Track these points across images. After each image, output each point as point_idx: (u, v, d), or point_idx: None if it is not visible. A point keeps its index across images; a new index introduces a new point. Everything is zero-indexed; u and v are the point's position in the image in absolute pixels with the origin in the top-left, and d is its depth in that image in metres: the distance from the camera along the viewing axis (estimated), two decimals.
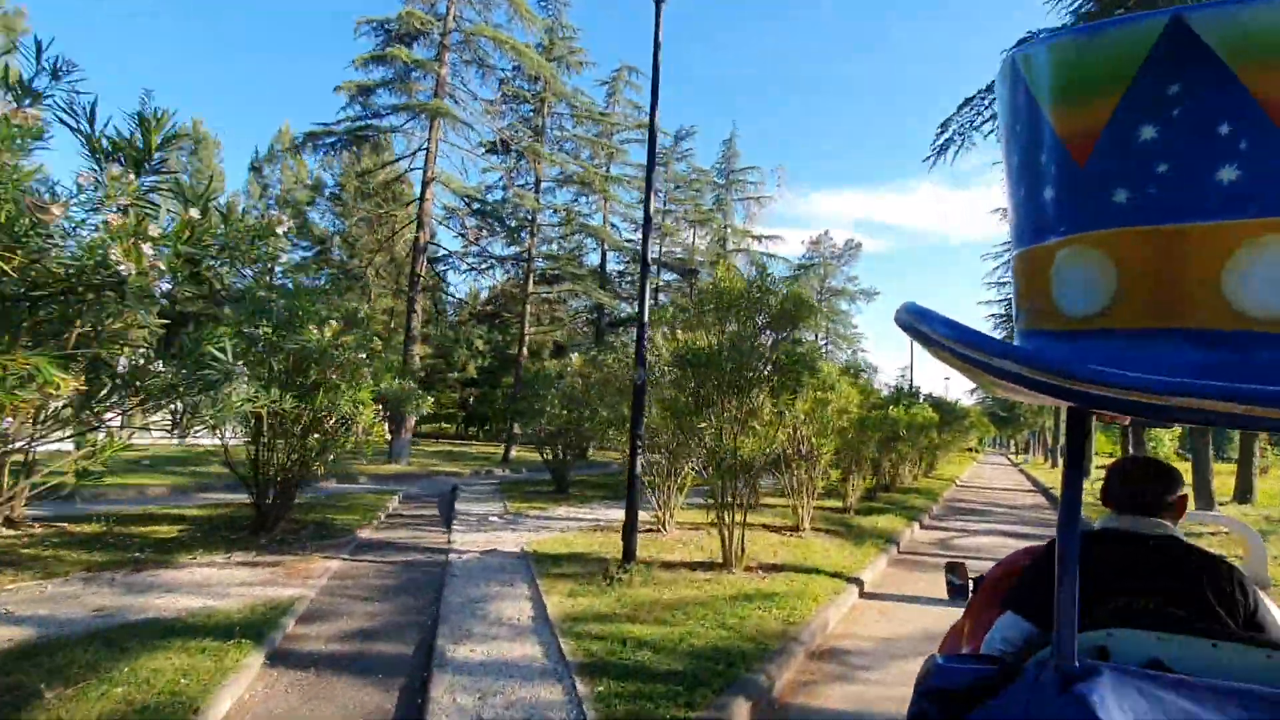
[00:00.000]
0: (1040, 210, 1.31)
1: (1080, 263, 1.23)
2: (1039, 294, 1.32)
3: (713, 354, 6.12)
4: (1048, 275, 1.29)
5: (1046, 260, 1.29)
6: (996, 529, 11.14)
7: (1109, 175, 1.18)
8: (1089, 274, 1.21)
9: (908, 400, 15.91)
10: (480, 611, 4.91)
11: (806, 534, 8.80)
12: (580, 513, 10.17)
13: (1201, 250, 1.09)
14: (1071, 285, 1.25)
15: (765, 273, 6.08)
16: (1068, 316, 1.26)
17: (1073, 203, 1.25)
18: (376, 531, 7.91)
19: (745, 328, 6.19)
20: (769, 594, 5.65)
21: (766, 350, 6.34)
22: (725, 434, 6.33)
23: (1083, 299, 1.23)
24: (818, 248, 54.30)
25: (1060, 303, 1.27)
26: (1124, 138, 1.16)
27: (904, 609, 5.99)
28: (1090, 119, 1.20)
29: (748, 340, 6.16)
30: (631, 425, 6.12)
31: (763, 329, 6.24)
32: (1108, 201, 1.18)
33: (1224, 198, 1.08)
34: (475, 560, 6.55)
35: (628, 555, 6.03)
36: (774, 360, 6.44)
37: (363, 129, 17.22)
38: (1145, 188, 1.14)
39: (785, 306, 5.94)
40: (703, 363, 6.25)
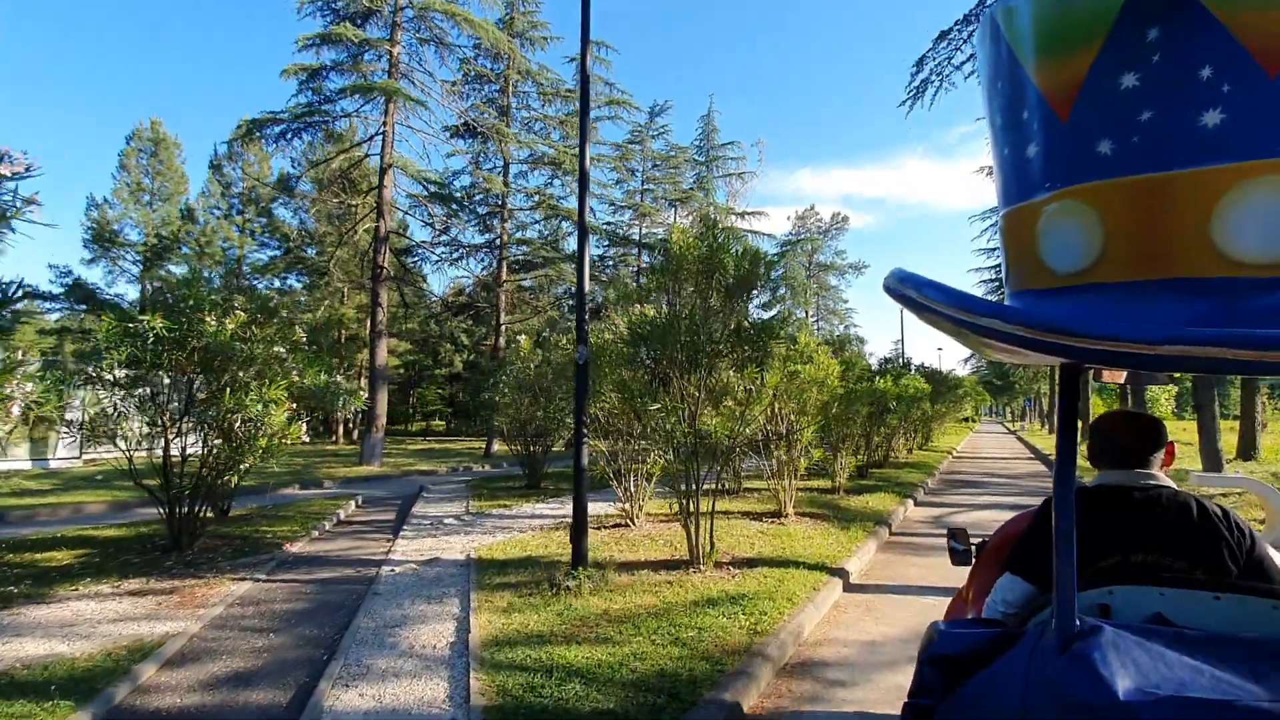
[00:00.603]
0: (1025, 168, 1.30)
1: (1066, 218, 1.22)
2: (1026, 253, 1.31)
3: (664, 325, 5.35)
4: (1034, 233, 1.28)
5: (1033, 218, 1.29)
6: (995, 501, 10.44)
7: (1092, 127, 1.17)
8: (1075, 229, 1.20)
9: (896, 371, 15.20)
10: (391, 640, 4.16)
11: (789, 520, 8.08)
12: (548, 509, 9.42)
13: (1188, 197, 1.07)
14: (1058, 242, 1.24)
15: (715, 228, 5.27)
16: (1056, 273, 1.25)
17: (1056, 158, 1.23)
18: (311, 544, 7.14)
19: (700, 294, 5.42)
20: (737, 596, 4.91)
21: (726, 318, 5.56)
22: (685, 415, 5.58)
23: (1070, 255, 1.22)
24: (804, 223, 53.46)
25: (1048, 260, 1.26)
26: (1105, 88, 1.15)
27: (894, 602, 5.27)
28: (1071, 71, 1.18)
29: (703, 308, 5.39)
30: (575, 411, 5.36)
31: (720, 294, 5.47)
32: (1091, 154, 1.17)
33: (1209, 143, 1.05)
34: (410, 573, 5.80)
35: (577, 559, 5.28)
36: (736, 329, 5.67)
37: (310, 113, 16.21)
38: (1129, 137, 1.12)
39: (741, 267, 5.16)
40: (655, 336, 5.47)
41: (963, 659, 1.40)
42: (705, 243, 5.18)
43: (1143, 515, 1.63)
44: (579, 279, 5.43)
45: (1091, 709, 1.11)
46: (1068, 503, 1.32)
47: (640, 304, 6.37)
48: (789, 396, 7.46)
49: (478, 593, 5.06)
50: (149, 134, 30.37)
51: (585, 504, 5.38)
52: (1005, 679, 1.29)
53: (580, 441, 5.36)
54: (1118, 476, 1.74)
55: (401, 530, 7.88)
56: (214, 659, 3.93)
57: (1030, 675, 1.24)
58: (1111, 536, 1.62)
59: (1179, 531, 1.59)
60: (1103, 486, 1.75)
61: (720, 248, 5.09)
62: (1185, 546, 1.58)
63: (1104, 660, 1.15)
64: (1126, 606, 1.45)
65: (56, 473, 15.13)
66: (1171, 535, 1.59)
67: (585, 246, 5.47)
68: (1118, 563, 1.58)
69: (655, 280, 5.41)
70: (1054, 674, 1.20)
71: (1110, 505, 1.68)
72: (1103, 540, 1.61)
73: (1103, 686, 1.12)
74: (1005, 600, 1.72)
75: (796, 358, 7.93)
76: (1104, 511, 1.66)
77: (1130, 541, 1.60)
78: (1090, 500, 1.70)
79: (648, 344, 5.49)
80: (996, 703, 1.27)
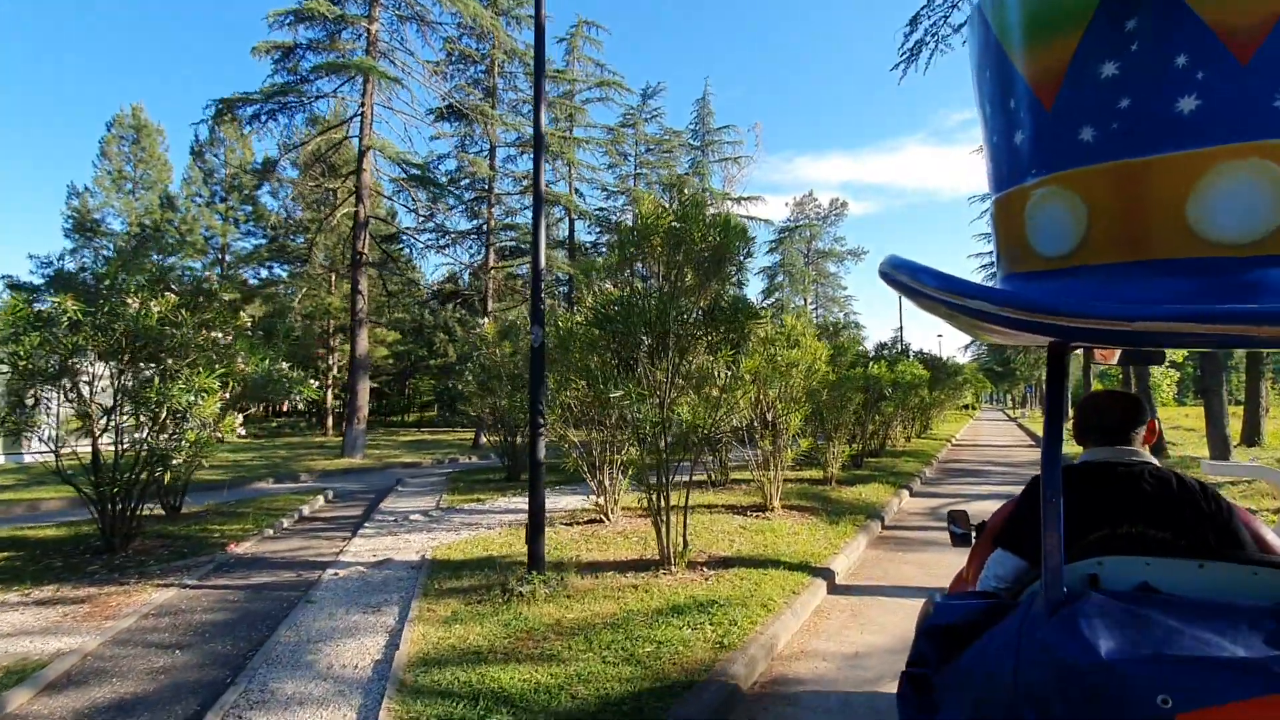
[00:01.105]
0: (1013, 154, 1.34)
1: (1052, 203, 1.25)
2: (1015, 238, 1.35)
3: (628, 304, 4.83)
4: (1022, 218, 1.32)
5: (1021, 204, 1.32)
6: (994, 490, 9.95)
7: (1075, 114, 1.20)
8: (1061, 214, 1.23)
9: (892, 356, 14.69)
10: (309, 658, 3.68)
11: (775, 513, 7.60)
12: (523, 503, 8.93)
13: (1165, 181, 1.10)
14: (1045, 226, 1.27)
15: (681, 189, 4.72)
16: (1043, 257, 1.29)
17: (1042, 144, 1.27)
18: (261, 544, 6.67)
19: (669, 269, 4.91)
20: (707, 602, 4.43)
21: (699, 296, 5.04)
22: (654, 403, 5.08)
23: (1056, 239, 1.25)
24: (802, 209, 52.76)
25: (1035, 244, 1.30)
26: (1087, 76, 1.18)
27: (883, 606, 4.80)
28: (1054, 59, 1.21)
29: (671, 285, 4.88)
30: (530, 399, 4.86)
31: (692, 269, 4.94)
32: (1075, 141, 1.20)
33: (1185, 128, 1.09)
34: (356, 577, 5.32)
35: (534, 562, 4.80)
36: (710, 308, 5.16)
37: (283, 92, 15.57)
38: (1109, 124, 1.16)
39: (712, 237, 4.63)
40: (620, 316, 4.96)
41: (958, 629, 1.45)
42: (674, 211, 4.65)
43: (1127, 489, 1.67)
44: (534, 251, 4.90)
45: (1079, 670, 1.17)
46: (1055, 477, 1.37)
47: (613, 283, 5.86)
48: (773, 382, 6.95)
49: (421, 600, 4.58)
50: (130, 120, 29.72)
51: (542, 501, 4.89)
52: (997, 646, 1.33)
53: (536, 433, 4.86)
54: (1102, 453, 1.79)
55: (363, 527, 7.41)
56: (102, 682, 3.45)
57: (1021, 642, 1.29)
58: (1098, 510, 1.65)
59: (1162, 504, 1.63)
60: (1088, 463, 1.79)
61: (689, 217, 4.56)
62: (1168, 518, 1.61)
63: (1089, 624, 1.21)
64: (1114, 576, 1.49)
65: (28, 467, 14.69)
66: (1155, 508, 1.63)
67: (541, 215, 4.93)
68: (1105, 535, 1.62)
69: (618, 254, 4.89)
70: (1043, 639, 1.25)
71: (1096, 481, 1.72)
72: (1090, 514, 1.65)
73: (1088, 648, 1.17)
74: (997, 575, 1.76)
75: (783, 341, 7.42)
76: (1090, 487, 1.70)
77: (1116, 515, 1.64)
78: (1077, 476, 1.73)
79: (612, 325, 4.97)
80: (989, 669, 1.32)
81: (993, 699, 1.29)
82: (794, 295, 48.21)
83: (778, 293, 47.80)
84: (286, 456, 17.43)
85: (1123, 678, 1.12)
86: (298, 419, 39.11)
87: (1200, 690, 1.08)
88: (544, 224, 4.95)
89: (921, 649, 1.51)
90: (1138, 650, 1.15)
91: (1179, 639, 1.16)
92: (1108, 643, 1.17)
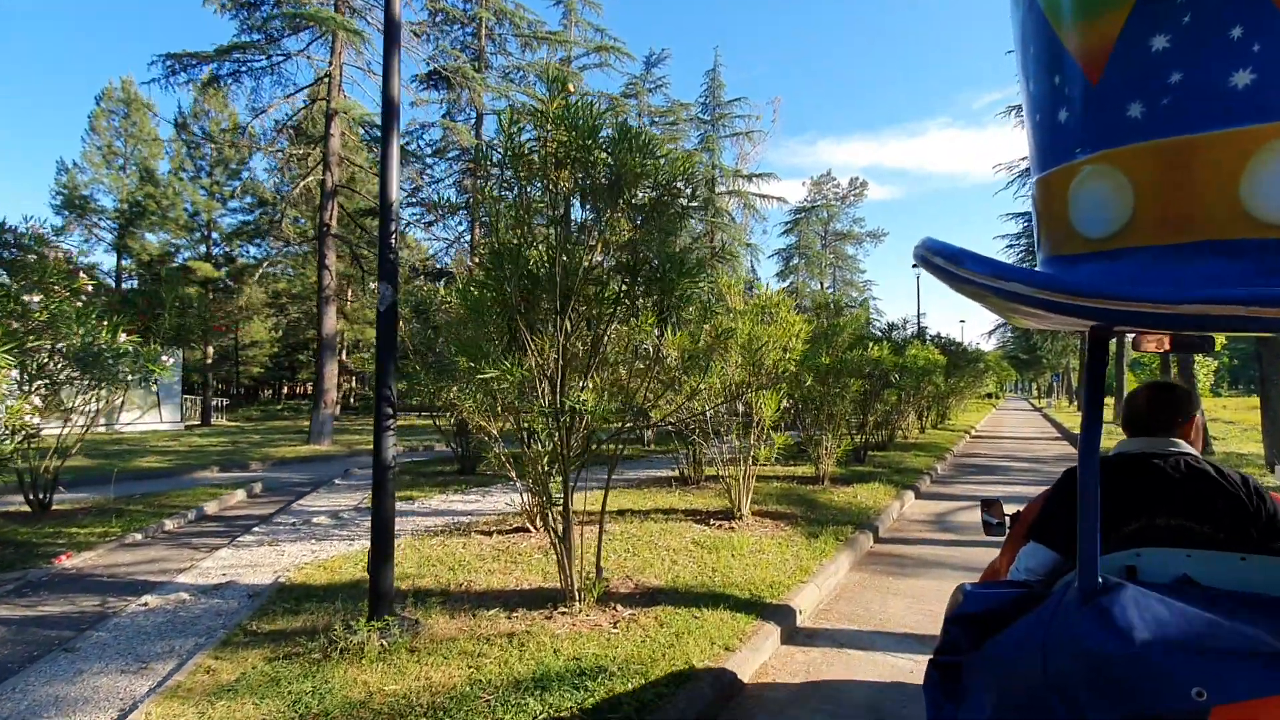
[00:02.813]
0: (1057, 133, 1.29)
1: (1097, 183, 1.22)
2: (1058, 219, 1.31)
3: (512, 253, 3.52)
4: (1065, 199, 1.28)
5: (1064, 184, 1.28)
6: (1015, 491, 8.49)
7: (1122, 90, 1.16)
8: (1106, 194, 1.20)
9: (900, 338, 13.19)
10: None
11: (743, 522, 6.28)
12: (462, 502, 7.74)
13: (1218, 159, 1.07)
14: (1089, 207, 1.23)
15: (563, 83, 3.33)
16: (1087, 238, 1.24)
17: (1087, 122, 1.23)
18: (109, 553, 5.52)
19: (557, 202, 3.57)
20: (594, 670, 3.14)
21: (599, 242, 3.69)
22: (544, 384, 3.77)
23: (1100, 219, 1.21)
24: (820, 189, 50.71)
25: (1079, 225, 1.26)
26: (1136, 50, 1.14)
27: (855, 664, 3.48)
28: (1101, 34, 1.18)
29: (564, 226, 3.55)
30: (376, 380, 3.60)
31: (593, 204, 3.61)
32: (1122, 117, 1.16)
33: (1239, 103, 1.05)
34: (169, 608, 4.12)
35: (376, 601, 3.54)
36: (629, 263, 3.82)
37: (237, 48, 14.34)
38: (1159, 100, 1.12)
39: (617, 155, 3.26)
40: (505, 272, 3.64)
41: (987, 618, 1.46)
42: (554, 114, 3.30)
43: (1165, 480, 1.62)
44: (382, 181, 3.60)
45: (1110, 659, 1.15)
46: (1092, 466, 1.34)
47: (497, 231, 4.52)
48: (712, 363, 5.60)
49: (214, 651, 3.36)
50: (120, 94, 28.80)
51: (390, 519, 3.62)
52: (1028, 635, 1.32)
53: (382, 426, 3.59)
54: (1139, 444, 1.75)
55: (249, 533, 6.24)
56: None
57: (1052, 630, 1.27)
58: (1135, 501, 1.61)
59: (1201, 496, 1.58)
60: (1124, 454, 1.75)
61: (585, 130, 3.18)
62: (1208, 511, 1.56)
63: (1124, 614, 1.18)
64: (1153, 568, 1.47)
65: None
66: (1195, 500, 1.57)
67: (393, 129, 3.63)
68: (1143, 526, 1.58)
69: (488, 185, 3.53)
70: (1074, 627, 1.23)
71: (1132, 471, 1.66)
72: (1126, 505, 1.60)
73: (1122, 638, 1.15)
74: (1028, 568, 1.71)
75: (753, 313, 6.05)
76: (1126, 477, 1.65)
77: (1154, 506, 1.58)
78: (1112, 467, 1.69)
79: (493, 284, 3.67)
80: (1019, 657, 1.32)
81: (1021, 686, 1.29)
82: (810, 278, 46.48)
83: (793, 275, 46.10)
84: (257, 442, 16.47)
85: (1156, 669, 1.10)
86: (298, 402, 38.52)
87: (1236, 683, 1.05)
88: (395, 140, 3.64)
89: (950, 637, 1.50)
90: (1173, 641, 1.12)
91: (1217, 632, 1.13)
92: (1142, 633, 1.14)
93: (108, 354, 5.10)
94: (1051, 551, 1.69)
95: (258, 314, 32.46)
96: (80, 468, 10.55)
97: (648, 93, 27.83)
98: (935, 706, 1.48)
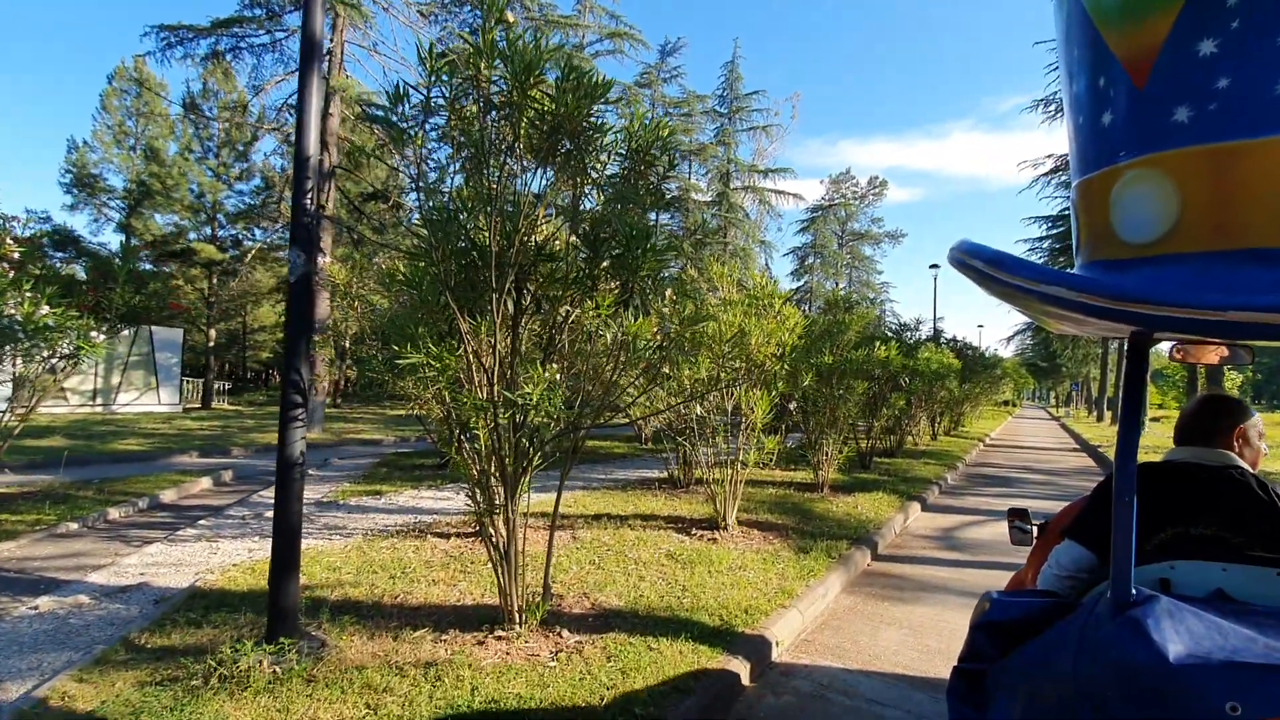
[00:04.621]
0: (1099, 137, 1.28)
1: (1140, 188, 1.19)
2: (1098, 224, 1.30)
3: (441, 222, 2.99)
4: (1107, 204, 1.26)
5: (1106, 188, 1.27)
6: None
7: (1168, 94, 1.15)
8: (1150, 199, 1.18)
9: (912, 340, 12.53)
10: None
11: (727, 533, 5.73)
12: (432, 499, 7.26)
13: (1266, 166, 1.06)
14: (1132, 211, 1.21)
15: (500, 14, 2.78)
16: (1128, 244, 1.22)
17: (1132, 126, 1.21)
18: (32, 545, 5.07)
19: (495, 152, 3.04)
20: (519, 713, 2.62)
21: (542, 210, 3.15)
22: (480, 374, 3.25)
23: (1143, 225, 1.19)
24: (839, 188, 49.77)
25: (1120, 231, 1.24)
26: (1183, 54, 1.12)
27: (831, 714, 2.93)
28: (1148, 37, 1.16)
29: (495, 184, 3.02)
30: (285, 362, 3.10)
31: (531, 154, 3.07)
32: (1168, 122, 1.14)
33: None
34: (62, 614, 3.66)
35: (276, 620, 3.03)
36: (591, 235, 3.29)
37: (235, 22, 13.93)
38: (1206, 105, 1.10)
39: (559, 98, 2.71)
40: (434, 240, 3.11)
41: (1015, 626, 1.45)
42: (499, 55, 2.75)
43: (1205, 490, 1.59)
44: (298, 132, 3.09)
45: (1143, 671, 1.13)
46: (1129, 473, 1.33)
47: None
48: (728, 358, 5.05)
49: (78, 672, 2.88)
50: (132, 73, 28.67)
51: (296, 525, 3.11)
52: (1057, 644, 1.31)
53: (288, 415, 3.09)
54: (1185, 453, 1.73)
55: (195, 525, 5.79)
56: None
57: (1083, 640, 1.25)
58: (1173, 509, 1.58)
59: (1241, 508, 1.55)
60: (1169, 462, 1.72)
61: (520, 66, 2.64)
62: (1247, 523, 1.52)
63: (1157, 626, 1.17)
64: (1188, 581, 1.45)
65: None
66: (1234, 511, 1.54)
67: (312, 77, 3.12)
68: (1179, 535, 1.55)
69: (418, 135, 3.01)
70: (1106, 638, 1.21)
71: (1173, 479, 1.64)
72: (1164, 512, 1.58)
73: (1154, 650, 1.13)
74: (1060, 564, 1.68)
75: (747, 303, 5.49)
76: (1167, 485, 1.62)
77: (1191, 515, 1.55)
78: (1155, 474, 1.66)
79: (437, 251, 3.14)
80: (1047, 667, 1.30)
81: (1049, 696, 1.27)
82: (825, 278, 45.64)
83: (808, 275, 45.31)
84: (248, 428, 16.15)
85: (1190, 682, 1.09)
86: None
87: (1272, 698, 1.04)
88: (315, 83, 3.13)
89: (976, 644, 1.49)
90: (1208, 655, 1.11)
91: (1252, 646, 1.11)
92: (1176, 646, 1.13)
93: (20, 327, 4.66)
94: (1087, 551, 1.65)
95: (265, 298, 32.35)
96: (54, 448, 10.22)
97: (662, 82, 27.24)
98: (959, 715, 1.49)
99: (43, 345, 4.89)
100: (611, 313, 3.28)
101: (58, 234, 25.88)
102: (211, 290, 25.49)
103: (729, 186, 32.20)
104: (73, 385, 19.16)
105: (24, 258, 5.30)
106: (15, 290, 4.60)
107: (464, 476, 3.44)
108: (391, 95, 2.86)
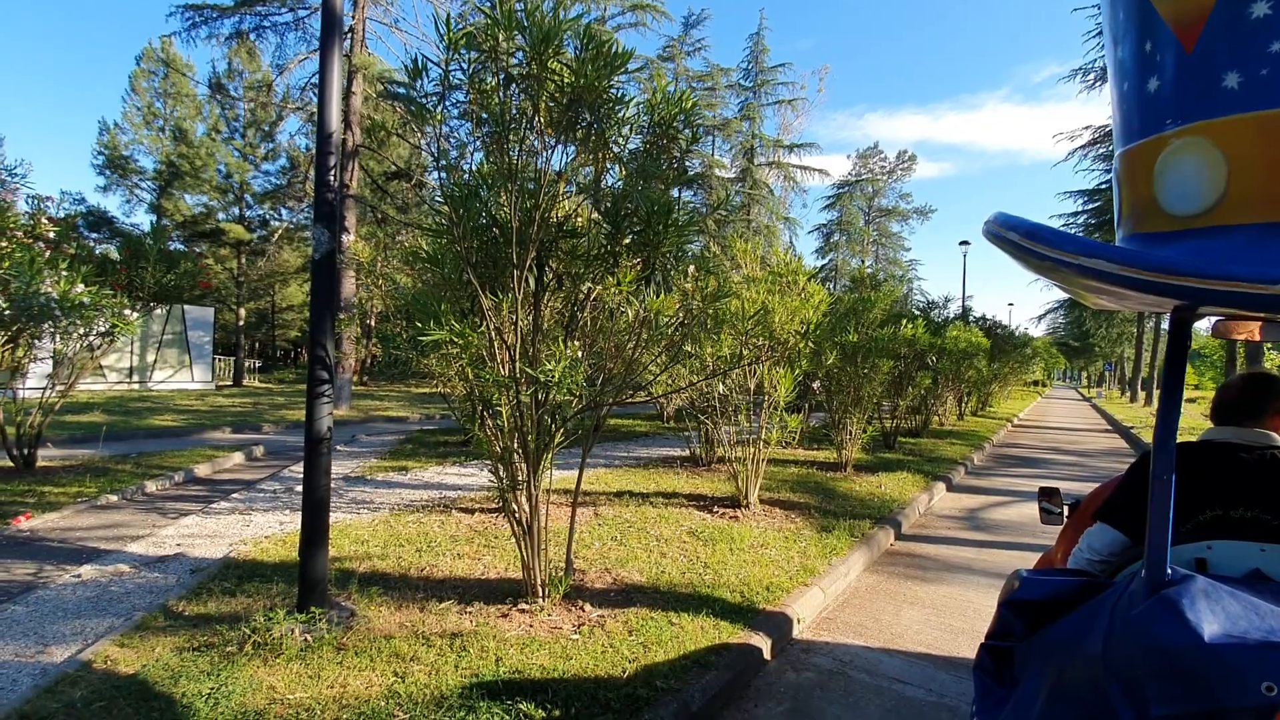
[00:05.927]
0: (1146, 103, 1.23)
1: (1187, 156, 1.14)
2: (1142, 195, 1.25)
3: (465, 194, 2.98)
4: (1152, 174, 1.22)
5: (1151, 158, 1.21)
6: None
7: (1218, 59, 1.09)
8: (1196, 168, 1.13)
9: (940, 318, 12.30)
10: None
11: (749, 511, 5.73)
12: (456, 476, 7.37)
13: None
14: (1177, 182, 1.17)
15: None
16: (1173, 216, 1.18)
17: (1179, 92, 1.16)
18: (74, 516, 5.27)
19: (514, 126, 3.01)
20: (543, 683, 2.67)
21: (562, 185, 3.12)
22: (503, 351, 3.27)
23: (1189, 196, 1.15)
24: (866, 163, 48.71)
25: (1164, 202, 1.20)
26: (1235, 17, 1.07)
27: (853, 690, 2.93)
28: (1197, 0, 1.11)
29: (514, 158, 3.00)
30: (310, 338, 3.14)
31: (552, 128, 3.03)
32: (1217, 87, 1.09)
33: None
34: (103, 581, 3.80)
35: (306, 590, 3.12)
36: (613, 210, 3.25)
37: (258, 0, 13.97)
38: (1258, 70, 1.05)
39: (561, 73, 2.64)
40: (456, 217, 3.11)
41: (1045, 604, 1.43)
42: (516, 26, 2.70)
43: (1246, 471, 1.54)
44: (320, 107, 3.10)
45: (1178, 651, 1.11)
46: (1169, 450, 1.30)
47: None
48: (751, 335, 5.00)
49: (120, 637, 3.00)
50: (160, 54, 28.96)
51: (324, 498, 3.18)
52: (1089, 623, 1.29)
53: (315, 391, 3.13)
54: (1225, 433, 1.68)
55: (228, 498, 5.96)
56: None
57: (1115, 618, 1.23)
58: (1212, 491, 1.53)
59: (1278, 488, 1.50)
60: (1208, 442, 1.67)
61: (538, 37, 2.58)
62: None
63: (1193, 606, 1.15)
64: (1225, 561, 1.43)
65: None
66: (1273, 492, 1.49)
67: (333, 52, 3.11)
68: (1218, 517, 1.50)
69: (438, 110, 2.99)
70: (1139, 617, 1.19)
71: (1212, 460, 1.59)
72: (1203, 494, 1.53)
73: (1189, 630, 1.11)
74: (1092, 547, 1.65)
75: (771, 280, 5.42)
76: (1205, 466, 1.58)
77: (1231, 497, 1.50)
78: (1193, 454, 1.60)
79: (458, 227, 3.15)
80: (1077, 643, 1.28)
81: (1079, 675, 1.25)
82: (851, 255, 44.95)
83: (833, 252, 44.64)
84: (279, 404, 16.52)
85: (1225, 662, 1.06)
86: None
87: None
88: (336, 58, 3.12)
89: (1004, 621, 1.48)
90: (1244, 635, 1.09)
91: None
92: (1211, 626, 1.11)
93: (57, 305, 4.78)
94: (1120, 534, 1.62)
95: (293, 277, 32.86)
96: (93, 424, 10.57)
97: (685, 56, 26.79)
98: (985, 690, 1.48)
99: (79, 323, 5.03)
100: (633, 289, 3.27)
101: (92, 215, 26.45)
102: (240, 270, 25.94)
103: (753, 162, 31.73)
104: (110, 363, 19.77)
105: (59, 237, 5.41)
106: (52, 269, 4.73)
107: (487, 453, 3.46)
108: (410, 70, 2.83)
